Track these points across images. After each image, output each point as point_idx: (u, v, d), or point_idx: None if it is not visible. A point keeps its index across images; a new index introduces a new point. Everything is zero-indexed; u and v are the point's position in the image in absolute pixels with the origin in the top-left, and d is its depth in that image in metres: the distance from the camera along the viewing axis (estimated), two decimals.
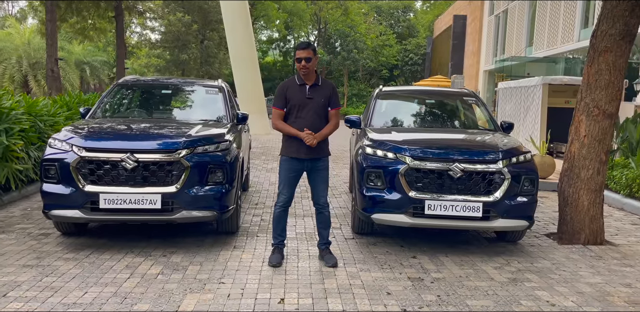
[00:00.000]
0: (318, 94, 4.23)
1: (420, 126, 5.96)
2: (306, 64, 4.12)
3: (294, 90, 4.24)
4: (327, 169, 4.39)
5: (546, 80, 10.75)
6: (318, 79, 4.27)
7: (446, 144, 4.92)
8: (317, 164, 4.30)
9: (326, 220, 4.41)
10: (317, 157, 4.27)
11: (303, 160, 4.25)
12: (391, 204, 4.59)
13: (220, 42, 30.41)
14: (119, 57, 19.01)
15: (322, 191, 4.36)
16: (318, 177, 4.34)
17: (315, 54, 4.18)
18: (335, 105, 4.31)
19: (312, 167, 4.30)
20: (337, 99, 4.33)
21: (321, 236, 4.44)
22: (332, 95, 4.28)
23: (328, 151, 4.38)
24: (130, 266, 4.12)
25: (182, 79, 6.95)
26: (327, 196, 4.44)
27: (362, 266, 4.28)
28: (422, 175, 4.56)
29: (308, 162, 4.27)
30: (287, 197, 4.32)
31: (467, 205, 4.46)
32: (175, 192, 4.37)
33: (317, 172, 4.32)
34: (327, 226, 4.42)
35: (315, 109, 4.22)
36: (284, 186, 4.31)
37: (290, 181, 4.32)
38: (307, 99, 4.21)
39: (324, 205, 4.38)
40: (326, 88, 4.28)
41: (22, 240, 4.75)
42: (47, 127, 6.79)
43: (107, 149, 4.37)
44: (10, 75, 28.48)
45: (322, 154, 4.30)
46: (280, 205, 4.33)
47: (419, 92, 6.85)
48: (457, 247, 4.94)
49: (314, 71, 4.26)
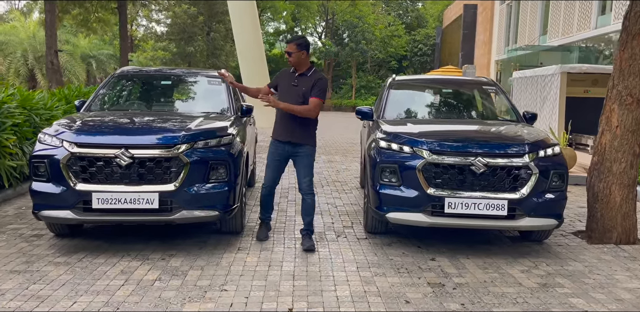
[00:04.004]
0: (302, 83, 4.39)
1: (437, 117, 5.57)
2: (288, 57, 4.39)
3: (285, 76, 4.54)
4: (308, 157, 4.47)
5: (564, 69, 10.25)
6: (309, 71, 4.44)
7: (467, 137, 4.55)
8: (298, 150, 4.43)
9: (309, 207, 4.51)
10: (297, 143, 4.41)
11: (284, 143, 4.44)
12: (408, 202, 4.23)
13: (226, 34, 29.94)
14: (122, 49, 18.68)
15: (303, 177, 4.45)
16: (299, 163, 4.47)
17: (300, 48, 4.35)
18: (315, 94, 4.34)
19: (292, 153, 4.46)
20: (320, 90, 4.36)
21: (304, 222, 4.55)
22: (315, 85, 4.36)
23: (311, 141, 4.47)
24: (125, 271, 3.81)
25: (184, 70, 6.59)
26: (312, 183, 4.51)
27: (377, 270, 3.94)
28: (442, 170, 4.19)
29: (289, 147, 4.44)
30: (270, 178, 4.55)
31: (490, 203, 4.10)
32: (174, 191, 4.04)
33: (298, 158, 4.46)
34: (309, 212, 4.52)
35: (295, 96, 4.38)
36: (268, 167, 4.56)
37: (274, 163, 4.52)
38: (292, 85, 4.43)
39: (306, 191, 4.47)
40: (312, 78, 4.39)
41: (12, 242, 4.45)
42: (43, 121, 6.48)
43: (99, 145, 4.04)
44: (15, 69, 28.24)
45: (302, 140, 4.41)
46: (265, 186, 4.58)
47: (435, 81, 6.43)
48: (478, 247, 4.58)
49: (307, 63, 4.45)
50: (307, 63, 4.46)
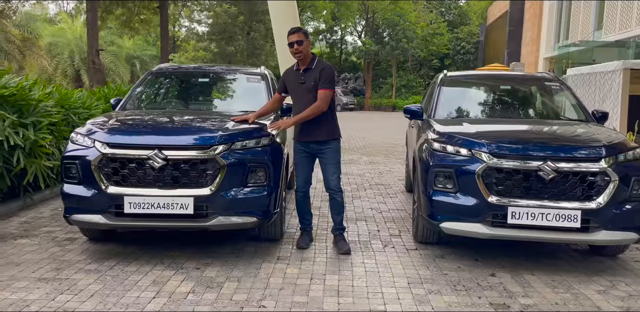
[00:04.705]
0: (308, 78, 4.17)
1: (495, 116, 5.09)
2: (298, 47, 4.09)
3: (290, 76, 4.30)
4: (334, 152, 4.25)
5: (627, 65, 9.49)
6: (312, 63, 4.20)
7: (533, 138, 4.07)
8: (322, 147, 4.23)
9: (338, 205, 4.32)
10: (320, 140, 4.20)
11: (308, 143, 4.24)
12: (465, 211, 3.80)
13: (266, 34, 29.94)
14: (163, 49, 18.74)
15: (331, 175, 4.24)
16: (325, 160, 4.25)
17: (307, 37, 4.15)
18: (323, 86, 4.10)
19: (317, 150, 4.25)
20: (328, 81, 4.12)
21: (334, 221, 4.36)
22: (321, 76, 4.11)
23: (335, 134, 4.25)
24: (157, 281, 3.54)
25: (223, 66, 6.33)
26: (340, 180, 4.29)
27: (430, 287, 3.53)
28: (504, 176, 3.74)
29: (314, 145, 4.23)
30: (302, 181, 4.32)
31: (561, 213, 3.62)
32: (210, 195, 3.75)
33: (323, 155, 4.25)
34: (339, 211, 4.34)
35: (305, 93, 4.17)
36: (296, 169, 4.36)
37: (302, 165, 4.31)
38: (299, 84, 4.20)
39: (335, 190, 4.26)
40: (316, 70, 4.15)
41: (44, 246, 4.27)
42: (81, 120, 6.35)
43: (131, 145, 3.79)
44: (63, 69, 29.07)
45: (327, 137, 4.21)
46: (299, 190, 4.34)
47: (491, 77, 5.92)
48: (542, 262, 4.10)
49: (310, 55, 4.20)
50: (310, 54, 4.22)
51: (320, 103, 4.08)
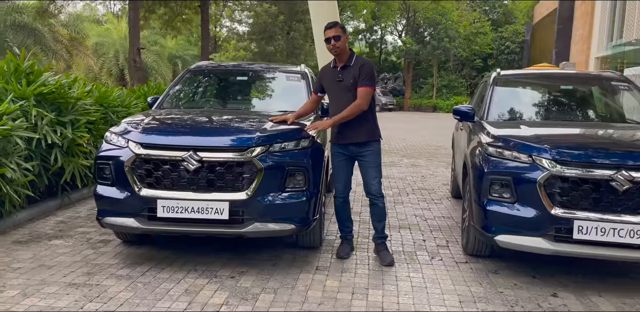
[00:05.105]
0: (347, 76, 3.93)
1: (555, 119, 4.68)
2: (335, 42, 3.87)
3: (327, 74, 4.07)
4: (375, 154, 3.99)
5: None
6: (350, 60, 3.95)
7: (603, 144, 3.67)
8: (362, 149, 3.97)
9: (380, 212, 4.06)
10: (359, 142, 3.94)
11: (346, 145, 3.99)
12: (524, 224, 3.45)
13: (306, 34, 29.82)
14: (203, 48, 18.78)
15: (372, 179, 3.97)
16: (366, 163, 3.99)
17: (345, 32, 3.94)
18: (363, 84, 3.85)
19: (356, 153, 4.00)
20: (368, 77, 3.88)
21: (376, 229, 4.11)
22: (360, 73, 3.87)
23: (376, 135, 4.00)
24: (190, 290, 3.34)
25: (262, 65, 6.13)
26: (381, 184, 4.02)
27: (485, 307, 3.20)
28: (570, 185, 3.37)
29: (353, 147, 3.98)
30: (342, 186, 4.10)
31: (637, 229, 3.22)
32: (246, 200, 3.53)
33: (363, 158, 3.99)
34: (381, 218, 4.08)
35: (344, 92, 3.93)
36: (335, 174, 4.11)
37: (341, 169, 4.07)
38: (337, 81, 3.97)
39: (376, 195, 3.99)
40: (355, 67, 3.91)
41: (78, 248, 4.15)
42: (119, 119, 6.27)
43: (165, 146, 3.61)
44: (108, 69, 29.74)
45: (367, 138, 3.95)
46: (339, 195, 4.10)
47: (549, 77, 5.47)
48: (610, 281, 3.69)
49: (347, 51, 3.97)
50: (348, 50, 3.98)
51: (361, 101, 3.83)
